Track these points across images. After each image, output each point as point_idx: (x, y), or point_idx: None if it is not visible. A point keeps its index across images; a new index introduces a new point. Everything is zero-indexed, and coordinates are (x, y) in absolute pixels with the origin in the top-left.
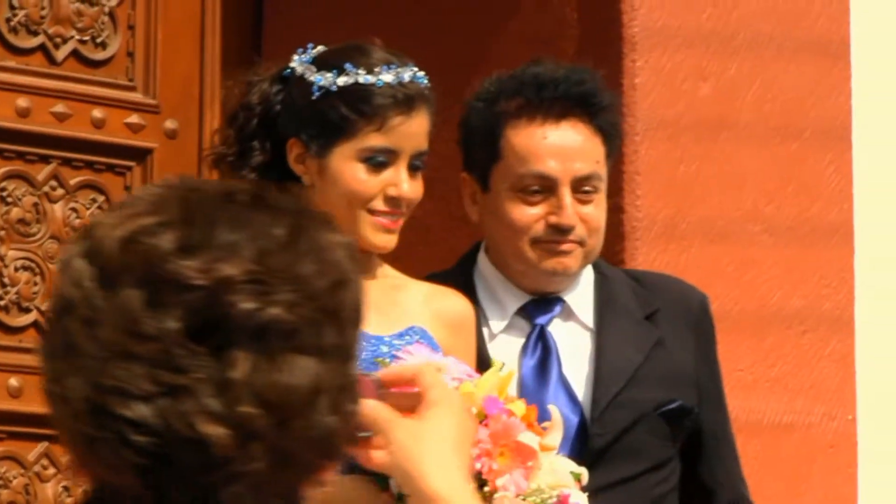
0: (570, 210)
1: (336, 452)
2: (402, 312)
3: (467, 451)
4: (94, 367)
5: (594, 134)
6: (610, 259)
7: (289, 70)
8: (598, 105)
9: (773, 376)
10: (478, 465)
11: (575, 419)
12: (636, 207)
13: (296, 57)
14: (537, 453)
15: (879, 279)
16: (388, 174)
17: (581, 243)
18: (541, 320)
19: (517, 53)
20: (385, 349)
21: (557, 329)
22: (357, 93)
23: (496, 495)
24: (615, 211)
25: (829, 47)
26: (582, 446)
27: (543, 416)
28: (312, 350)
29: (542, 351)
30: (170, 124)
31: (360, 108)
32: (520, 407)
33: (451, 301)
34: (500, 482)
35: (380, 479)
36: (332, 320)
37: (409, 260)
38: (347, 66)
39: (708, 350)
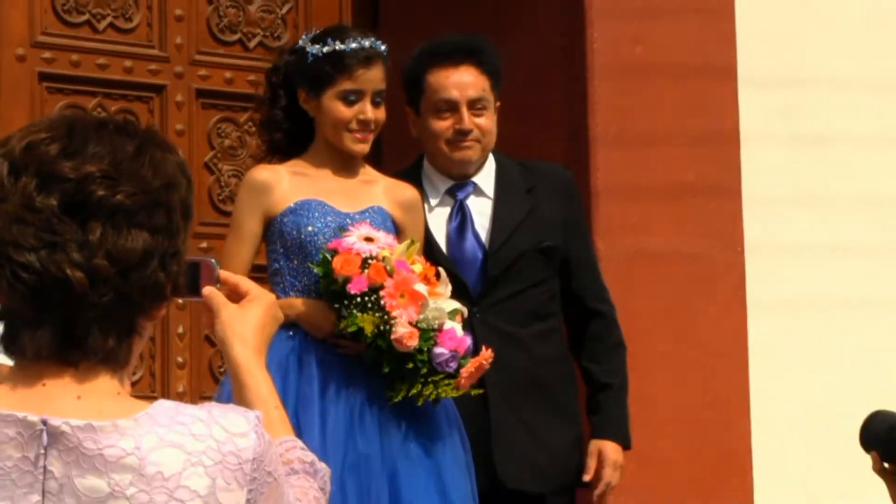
0: (467, 120)
1: (162, 297)
2: (368, 197)
3: (267, 333)
4: (1, 228)
5: (481, 74)
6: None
7: (298, 45)
8: (483, 57)
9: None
10: (382, 303)
11: (481, 257)
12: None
13: (303, 36)
14: (426, 297)
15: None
16: (358, 106)
17: (478, 141)
18: (460, 196)
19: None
20: (348, 222)
21: (471, 201)
22: (335, 56)
23: (393, 321)
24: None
25: None
26: (485, 273)
27: (464, 269)
28: (146, 227)
29: (461, 216)
30: None
31: (337, 65)
32: (419, 267)
33: (405, 191)
34: (395, 313)
35: (332, 303)
36: (161, 208)
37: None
38: (329, 39)
39: (573, 208)
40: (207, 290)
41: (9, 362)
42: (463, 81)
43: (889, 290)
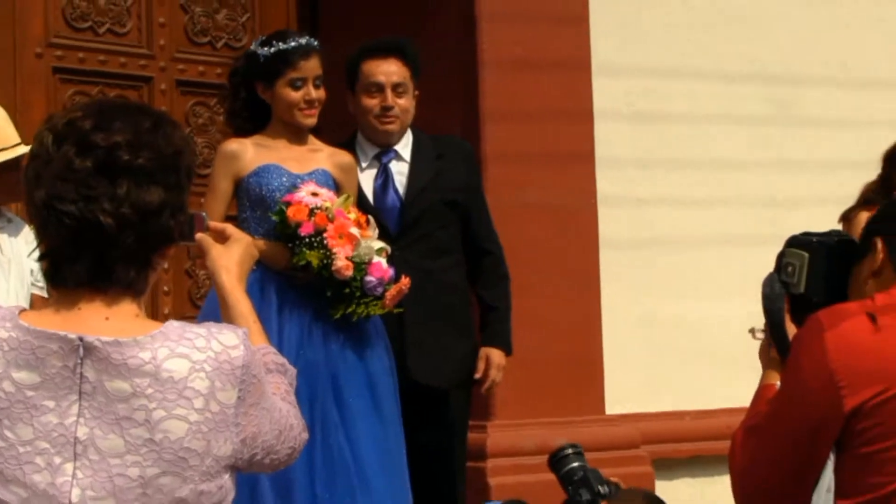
0: (391, 100)
1: (171, 239)
2: (314, 162)
3: (246, 265)
4: (48, 185)
5: (403, 65)
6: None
7: (250, 50)
8: (406, 52)
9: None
10: (325, 242)
11: (399, 207)
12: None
13: (253, 42)
14: (359, 238)
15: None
16: (304, 90)
17: (398, 117)
18: (384, 160)
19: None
20: (299, 181)
21: (393, 164)
22: (282, 54)
23: (334, 256)
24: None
25: None
26: (402, 219)
27: (386, 216)
28: (161, 184)
29: (384, 175)
30: None
31: (284, 60)
32: (353, 215)
33: (343, 157)
34: (335, 250)
35: (287, 243)
36: (172, 170)
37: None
38: (274, 41)
39: (472, 171)
40: (200, 236)
41: (39, 294)
42: (389, 69)
43: (705, 231)
